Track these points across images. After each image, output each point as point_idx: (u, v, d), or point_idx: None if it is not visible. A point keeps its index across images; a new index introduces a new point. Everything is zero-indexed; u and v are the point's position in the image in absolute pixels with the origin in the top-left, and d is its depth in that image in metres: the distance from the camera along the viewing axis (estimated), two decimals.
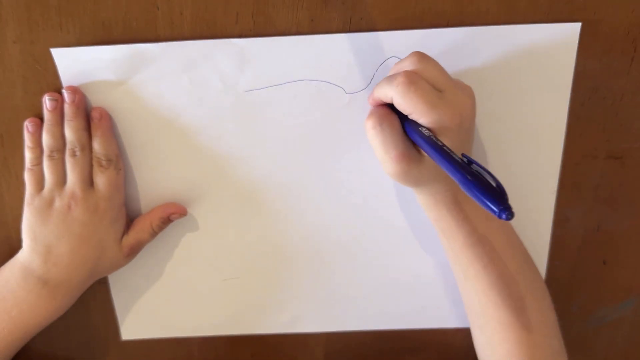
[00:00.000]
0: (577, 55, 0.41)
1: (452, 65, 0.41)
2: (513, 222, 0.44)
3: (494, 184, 0.28)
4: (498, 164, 0.45)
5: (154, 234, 0.44)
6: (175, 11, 0.39)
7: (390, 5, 0.40)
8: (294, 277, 0.48)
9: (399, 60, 0.41)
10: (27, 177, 0.41)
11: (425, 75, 0.35)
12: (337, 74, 0.41)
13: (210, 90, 0.42)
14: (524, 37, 0.40)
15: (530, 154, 0.44)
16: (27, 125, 0.41)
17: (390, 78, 0.35)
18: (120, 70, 0.41)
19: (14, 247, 0.45)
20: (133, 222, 0.44)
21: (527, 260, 0.43)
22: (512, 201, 0.45)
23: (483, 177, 0.28)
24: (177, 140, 0.43)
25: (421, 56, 0.36)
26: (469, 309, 0.44)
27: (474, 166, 0.29)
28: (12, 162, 0.44)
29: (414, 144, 0.37)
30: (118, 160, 0.42)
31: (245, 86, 0.41)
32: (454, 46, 0.41)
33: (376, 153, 0.37)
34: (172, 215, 0.44)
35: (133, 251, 0.44)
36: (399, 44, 0.40)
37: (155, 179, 0.44)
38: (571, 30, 0.40)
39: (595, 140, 0.45)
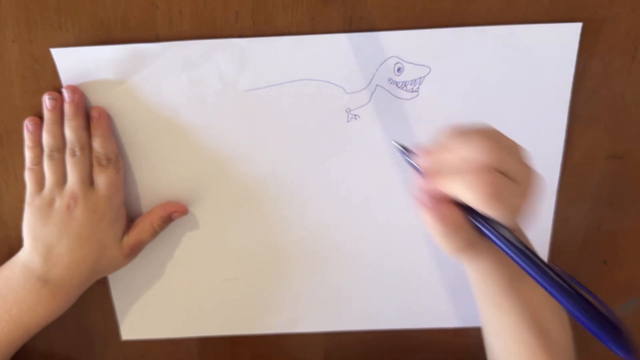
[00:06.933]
0: (577, 54, 0.41)
1: (452, 66, 0.41)
2: None
3: (610, 318, 0.25)
4: None
5: (154, 233, 0.44)
6: (174, 10, 0.39)
7: (390, 5, 0.40)
8: (293, 277, 0.48)
9: (399, 61, 0.41)
10: (28, 177, 0.41)
11: (502, 168, 0.30)
12: (337, 74, 0.41)
13: (209, 90, 0.41)
14: (524, 37, 0.40)
15: (530, 154, 0.44)
16: (27, 125, 0.41)
17: (459, 172, 0.30)
18: (120, 69, 0.41)
19: (13, 247, 0.45)
20: (134, 222, 0.44)
21: (560, 313, 0.40)
22: None
23: (594, 306, 0.25)
24: (176, 140, 0.43)
25: (495, 143, 0.30)
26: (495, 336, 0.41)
27: (579, 289, 0.27)
28: (12, 162, 0.43)
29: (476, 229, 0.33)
30: (117, 160, 0.42)
31: (245, 86, 0.41)
32: (454, 46, 0.40)
33: (435, 240, 0.33)
34: (173, 214, 0.44)
35: (133, 251, 0.44)
36: (399, 44, 0.40)
37: (155, 179, 0.44)
38: (572, 30, 0.40)
39: (596, 140, 0.45)
